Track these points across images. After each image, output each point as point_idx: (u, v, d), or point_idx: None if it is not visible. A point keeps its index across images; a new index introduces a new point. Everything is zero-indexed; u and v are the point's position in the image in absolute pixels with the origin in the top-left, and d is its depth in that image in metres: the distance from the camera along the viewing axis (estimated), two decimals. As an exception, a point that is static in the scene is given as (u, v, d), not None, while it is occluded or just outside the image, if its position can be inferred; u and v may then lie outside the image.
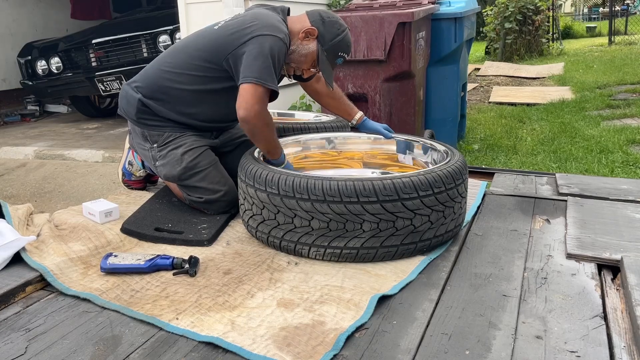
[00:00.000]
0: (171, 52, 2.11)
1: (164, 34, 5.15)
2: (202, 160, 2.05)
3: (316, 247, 1.65)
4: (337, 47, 1.98)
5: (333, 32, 1.97)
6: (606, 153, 4.07)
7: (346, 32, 2.01)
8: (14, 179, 4.27)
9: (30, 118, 6.72)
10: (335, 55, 2.00)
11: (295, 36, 1.98)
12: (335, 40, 1.97)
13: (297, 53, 1.99)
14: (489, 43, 11.76)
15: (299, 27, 1.98)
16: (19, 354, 1.26)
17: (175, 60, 2.04)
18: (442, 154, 1.99)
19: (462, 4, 3.88)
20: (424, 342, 1.25)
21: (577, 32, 17.38)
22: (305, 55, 2.00)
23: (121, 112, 2.17)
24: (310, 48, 1.98)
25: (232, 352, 1.23)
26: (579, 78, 7.85)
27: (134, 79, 2.13)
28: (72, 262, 1.69)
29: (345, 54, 2.03)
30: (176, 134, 2.07)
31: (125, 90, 2.13)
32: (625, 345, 1.22)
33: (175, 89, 2.02)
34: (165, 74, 2.04)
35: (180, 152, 2.04)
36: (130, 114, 2.10)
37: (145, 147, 2.12)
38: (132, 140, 2.22)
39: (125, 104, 2.12)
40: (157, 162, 2.09)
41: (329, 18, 1.99)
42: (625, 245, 1.69)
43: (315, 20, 1.98)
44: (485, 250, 1.73)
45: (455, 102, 4.11)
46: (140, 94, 2.06)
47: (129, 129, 2.21)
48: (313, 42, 1.98)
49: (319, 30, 1.97)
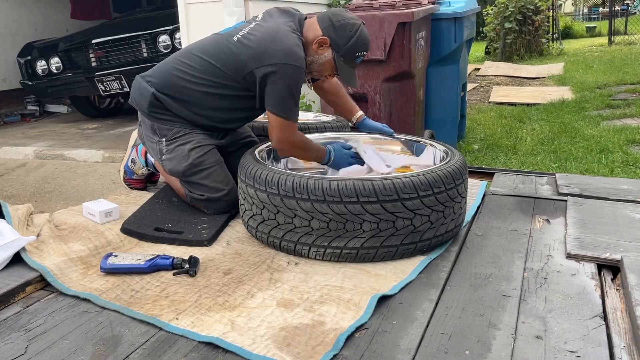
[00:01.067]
0: (187, 54, 2.08)
1: (164, 34, 5.16)
2: (209, 158, 2.06)
3: (316, 247, 1.65)
4: (352, 49, 1.96)
5: (345, 36, 1.95)
6: (606, 153, 4.07)
7: (359, 30, 1.97)
8: (14, 179, 4.27)
9: (30, 118, 6.72)
10: (352, 57, 1.99)
11: (309, 46, 1.97)
12: (349, 45, 1.95)
13: (315, 63, 2.00)
14: (489, 43, 11.77)
15: (312, 36, 1.97)
16: (19, 354, 1.26)
17: (192, 63, 2.03)
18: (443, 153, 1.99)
19: (462, 4, 3.88)
20: (424, 342, 1.25)
21: (577, 32, 17.38)
22: (323, 64, 2.00)
23: (132, 102, 2.17)
24: (326, 56, 1.98)
25: (232, 352, 1.23)
26: (578, 78, 7.85)
27: (148, 72, 2.12)
28: (72, 262, 1.69)
29: (364, 52, 2.00)
30: (185, 130, 2.08)
31: (139, 82, 2.13)
32: (625, 345, 1.22)
33: (191, 89, 2.02)
34: (181, 73, 2.03)
35: (188, 148, 2.05)
36: (142, 106, 2.10)
37: (153, 140, 2.13)
38: (140, 131, 2.21)
39: (138, 96, 2.12)
40: (164, 156, 2.10)
41: (339, 22, 1.96)
42: (625, 245, 1.69)
43: (326, 27, 1.96)
44: (485, 250, 1.73)
45: (455, 102, 4.11)
46: (154, 88, 2.06)
47: (138, 120, 2.21)
48: (327, 50, 1.97)
49: (330, 38, 1.95)
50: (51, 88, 5.88)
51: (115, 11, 7.77)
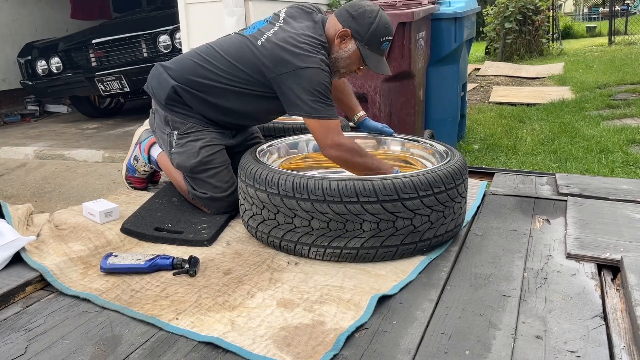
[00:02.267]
0: (210, 52, 2.05)
1: (164, 34, 5.15)
2: (218, 158, 2.06)
3: (316, 247, 1.65)
4: (376, 35, 1.94)
5: (366, 23, 1.93)
6: (606, 153, 4.07)
7: (379, 15, 1.95)
8: (14, 179, 4.27)
9: (30, 118, 6.72)
10: (378, 44, 1.96)
11: (332, 43, 1.96)
12: (371, 30, 1.93)
13: (341, 59, 1.98)
14: (489, 43, 11.77)
15: (332, 32, 1.96)
16: (19, 354, 1.26)
17: (215, 62, 2.00)
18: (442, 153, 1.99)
19: (462, 4, 3.89)
20: (424, 342, 1.25)
21: (577, 32, 17.38)
22: (350, 57, 1.98)
23: (148, 90, 2.15)
24: (351, 49, 1.96)
25: (232, 352, 1.23)
26: (579, 78, 7.85)
27: (168, 63, 2.10)
28: (72, 262, 1.69)
29: (388, 36, 1.98)
30: (199, 127, 2.07)
31: (159, 72, 2.10)
32: (625, 345, 1.22)
33: (214, 87, 2.00)
34: (204, 70, 2.01)
35: (199, 145, 2.04)
36: (160, 97, 2.08)
37: (165, 131, 2.11)
38: (152, 120, 2.20)
39: (157, 85, 2.10)
40: (173, 149, 2.09)
41: (356, 11, 1.95)
42: (625, 245, 1.69)
43: (345, 19, 1.95)
44: (485, 250, 1.73)
45: (455, 102, 4.11)
46: (176, 81, 2.04)
47: (152, 108, 2.19)
48: (350, 41, 1.96)
49: (351, 29, 1.94)
50: (51, 88, 5.88)
51: (115, 11, 7.78)
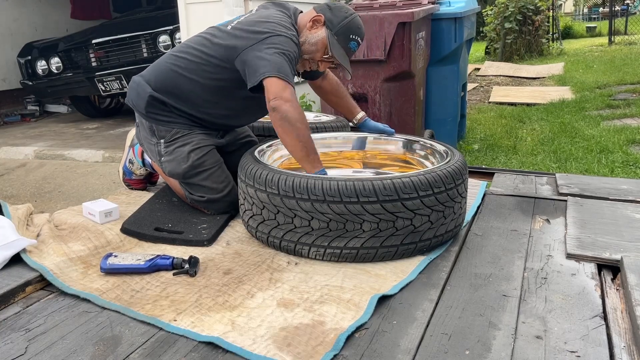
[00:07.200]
0: (181, 47, 2.08)
1: (164, 34, 5.16)
2: (209, 159, 2.05)
3: (316, 247, 1.65)
4: (346, 29, 1.97)
5: (340, 16, 1.97)
6: (606, 153, 4.07)
7: (355, 15, 1.99)
8: (14, 179, 4.27)
9: (30, 118, 6.72)
10: (347, 39, 1.98)
11: (303, 28, 1.99)
12: (343, 23, 1.96)
13: (307, 43, 1.99)
14: (489, 43, 11.78)
15: (306, 19, 2.00)
16: (19, 354, 1.26)
17: (186, 56, 2.02)
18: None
19: (462, 4, 3.89)
20: (424, 342, 1.25)
21: (577, 32, 17.38)
22: (316, 44, 1.98)
23: (129, 103, 2.15)
24: (320, 35, 1.97)
25: (232, 352, 1.23)
26: (579, 78, 7.85)
27: (144, 72, 2.11)
28: (72, 262, 1.69)
29: (358, 37, 2.00)
30: (184, 132, 2.06)
31: (136, 83, 2.10)
32: (625, 345, 1.22)
33: (187, 84, 2.01)
34: (177, 68, 2.02)
35: (187, 149, 2.04)
36: (140, 107, 2.08)
37: (151, 142, 2.11)
38: (138, 133, 2.19)
39: (135, 97, 2.10)
40: (163, 158, 2.08)
41: (335, 6, 1.99)
42: (625, 245, 1.69)
43: (322, 9, 2.00)
44: (485, 250, 1.73)
45: (455, 102, 4.11)
46: (152, 89, 2.04)
47: (136, 121, 2.19)
48: (321, 28, 1.97)
49: (325, 16, 1.97)
50: (51, 88, 5.88)
51: (115, 11, 7.78)
